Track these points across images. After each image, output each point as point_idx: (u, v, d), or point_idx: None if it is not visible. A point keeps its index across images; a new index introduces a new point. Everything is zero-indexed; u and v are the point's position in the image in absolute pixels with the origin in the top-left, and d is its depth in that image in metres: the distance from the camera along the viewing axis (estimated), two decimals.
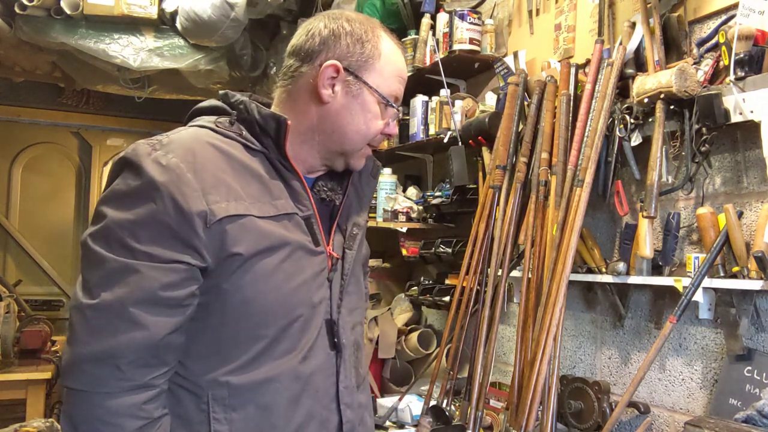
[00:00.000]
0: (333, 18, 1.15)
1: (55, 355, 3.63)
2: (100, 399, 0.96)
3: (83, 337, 0.97)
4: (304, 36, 1.15)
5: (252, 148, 1.09)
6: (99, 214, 1.01)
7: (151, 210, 0.98)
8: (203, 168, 1.02)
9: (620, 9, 1.88)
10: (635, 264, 1.71)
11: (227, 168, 1.05)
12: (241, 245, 1.01)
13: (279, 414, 1.07)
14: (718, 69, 1.56)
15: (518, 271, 2.01)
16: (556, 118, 1.89)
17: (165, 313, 0.98)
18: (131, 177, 1.00)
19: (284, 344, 1.07)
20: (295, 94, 1.15)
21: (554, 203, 1.82)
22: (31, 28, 3.17)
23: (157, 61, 3.35)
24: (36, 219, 4.79)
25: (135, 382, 0.98)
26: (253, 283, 1.04)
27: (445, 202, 2.50)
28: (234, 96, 1.14)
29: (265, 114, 1.10)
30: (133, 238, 0.97)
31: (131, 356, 0.97)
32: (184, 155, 1.02)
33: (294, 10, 3.58)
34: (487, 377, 1.92)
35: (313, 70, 1.12)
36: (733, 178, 1.60)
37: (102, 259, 0.97)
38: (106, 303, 0.96)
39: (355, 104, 1.14)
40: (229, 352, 1.04)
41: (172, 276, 0.98)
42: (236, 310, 1.04)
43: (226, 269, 1.02)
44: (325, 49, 1.12)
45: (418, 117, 2.65)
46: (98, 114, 4.92)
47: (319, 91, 1.11)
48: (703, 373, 1.64)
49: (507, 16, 2.44)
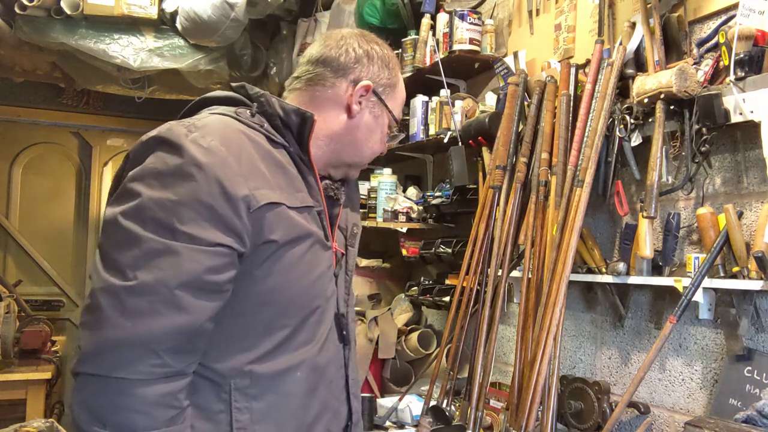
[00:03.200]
0: (365, 39, 1.22)
1: (55, 355, 3.63)
2: (131, 386, 0.91)
3: (116, 320, 0.91)
4: (336, 49, 1.19)
5: (274, 141, 1.10)
6: (130, 191, 0.96)
7: (193, 190, 0.95)
8: (240, 154, 1.02)
9: (620, 9, 1.88)
10: (635, 264, 1.71)
11: (258, 156, 1.05)
12: (276, 233, 1.02)
13: (297, 404, 1.08)
14: (718, 69, 1.56)
15: (518, 271, 2.01)
16: (556, 118, 1.89)
17: (207, 297, 0.96)
18: (169, 156, 0.97)
19: (303, 335, 1.09)
20: (321, 101, 1.18)
21: (554, 203, 1.82)
22: (31, 28, 3.17)
23: (157, 62, 3.35)
24: (36, 219, 4.79)
25: (172, 369, 0.94)
26: (282, 271, 1.04)
27: (445, 203, 2.50)
28: (252, 88, 1.15)
29: (288, 108, 1.12)
30: (174, 217, 0.94)
31: (170, 342, 0.93)
32: (222, 139, 1.01)
33: (294, 10, 3.59)
34: (487, 377, 1.92)
35: (345, 84, 1.18)
36: (733, 178, 1.60)
37: (137, 238, 0.93)
38: (146, 285, 0.91)
39: (375, 124, 1.23)
40: (252, 340, 1.04)
41: (216, 260, 0.96)
42: (263, 297, 1.04)
43: (260, 256, 1.02)
44: (359, 67, 1.19)
45: (418, 117, 2.65)
46: (98, 114, 4.91)
47: (351, 106, 1.18)
48: (703, 374, 1.64)
49: (507, 16, 2.44)
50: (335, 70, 1.18)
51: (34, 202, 4.80)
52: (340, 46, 1.19)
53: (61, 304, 4.82)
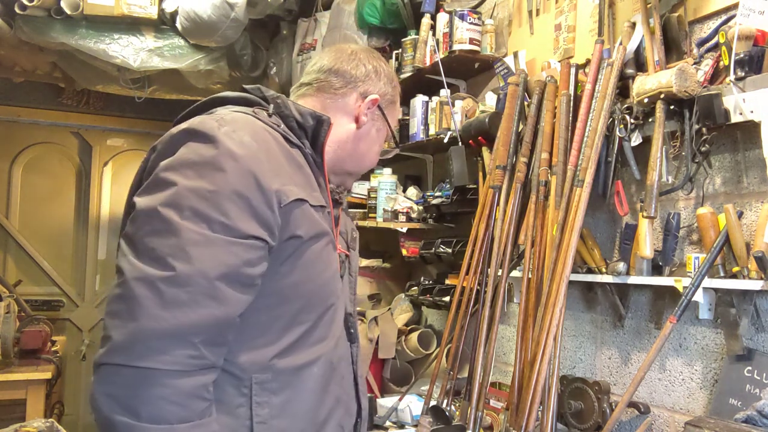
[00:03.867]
0: (373, 55, 1.30)
1: (55, 355, 3.62)
2: (169, 378, 0.89)
3: (154, 310, 0.89)
4: (348, 62, 1.25)
5: (290, 141, 1.12)
6: (164, 181, 0.96)
7: (229, 181, 0.96)
8: (268, 150, 1.04)
9: (620, 9, 1.88)
10: (635, 264, 1.71)
11: (281, 154, 1.07)
12: (301, 229, 1.04)
13: (313, 399, 1.10)
14: (718, 69, 1.56)
15: (518, 271, 2.01)
16: (556, 118, 1.88)
17: (242, 290, 0.97)
18: (203, 147, 0.98)
19: (320, 331, 1.11)
20: (331, 108, 1.24)
21: (554, 203, 1.82)
22: (31, 28, 3.17)
23: (157, 62, 3.35)
24: (36, 219, 4.79)
25: (207, 361, 0.94)
26: (304, 267, 1.06)
27: (445, 202, 2.50)
28: (268, 90, 1.18)
29: (304, 111, 1.15)
30: (211, 207, 0.94)
31: (207, 334, 0.92)
32: (252, 134, 1.03)
33: (294, 10, 3.59)
34: (487, 377, 1.93)
35: (355, 95, 1.25)
36: (733, 178, 1.60)
37: (174, 227, 0.92)
38: (187, 275, 0.90)
39: (377, 136, 1.30)
40: (274, 335, 1.05)
41: (251, 252, 0.97)
42: (286, 292, 1.05)
43: (285, 251, 1.03)
44: (368, 81, 1.26)
45: (418, 117, 2.65)
46: (98, 114, 4.91)
47: (360, 117, 1.24)
48: (703, 373, 1.64)
49: (507, 16, 2.44)
50: (347, 82, 1.24)
51: (34, 202, 4.80)
52: (352, 59, 1.25)
53: (61, 304, 4.81)
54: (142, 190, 1.00)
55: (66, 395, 4.50)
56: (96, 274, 4.94)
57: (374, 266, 2.98)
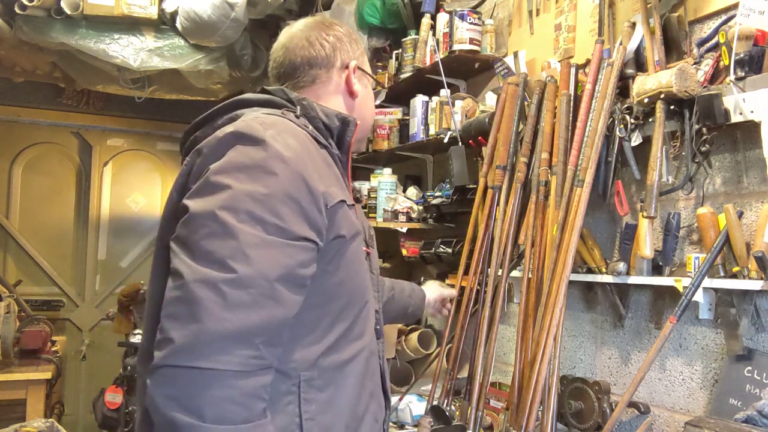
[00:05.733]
0: (324, 25, 1.29)
1: (55, 355, 3.63)
2: (232, 378, 0.90)
3: (217, 312, 0.89)
4: (309, 47, 1.25)
5: (319, 142, 1.14)
6: (217, 184, 0.97)
7: (281, 184, 0.97)
8: (310, 153, 1.06)
9: (620, 9, 1.88)
10: (635, 264, 1.71)
11: (318, 156, 1.09)
12: (344, 228, 1.07)
13: (352, 394, 1.12)
14: (718, 69, 1.56)
15: (518, 271, 2.01)
16: (556, 118, 1.88)
17: (297, 291, 0.98)
18: (253, 149, 0.99)
19: (358, 327, 1.14)
20: (327, 96, 1.26)
21: (554, 203, 1.82)
22: (31, 28, 3.17)
23: (157, 62, 3.35)
24: (36, 219, 4.79)
25: (266, 361, 0.95)
26: (346, 265, 1.09)
27: (445, 202, 2.50)
28: (292, 93, 1.20)
29: (329, 113, 1.18)
30: (265, 210, 0.95)
31: (267, 334, 0.93)
32: (294, 137, 1.05)
33: (294, 10, 3.59)
34: (487, 377, 1.92)
35: (336, 73, 1.26)
36: (733, 178, 1.60)
37: (232, 229, 0.93)
38: (248, 277, 0.91)
39: (368, 92, 1.34)
40: (321, 333, 1.07)
41: (304, 254, 0.98)
42: (332, 290, 1.08)
43: (330, 251, 1.05)
44: (338, 53, 1.26)
45: (418, 117, 2.65)
46: (98, 114, 4.91)
47: (353, 89, 1.27)
48: (703, 373, 1.64)
49: (507, 16, 2.44)
50: (323, 66, 1.25)
51: (34, 202, 4.80)
52: (312, 43, 1.25)
53: (61, 304, 4.81)
54: (193, 193, 0.99)
55: (66, 395, 4.50)
56: (96, 274, 4.94)
57: None
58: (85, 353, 4.74)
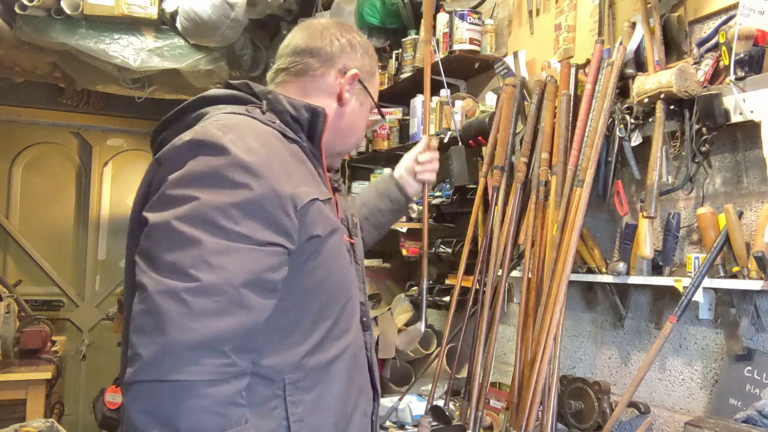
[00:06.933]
0: (345, 28, 1.24)
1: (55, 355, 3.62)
2: (205, 388, 0.88)
3: (182, 322, 0.87)
4: (320, 39, 1.20)
5: (288, 137, 1.11)
6: (176, 195, 0.95)
7: (244, 191, 0.95)
8: (277, 153, 1.03)
9: (620, 9, 1.88)
10: (635, 264, 1.71)
11: (287, 154, 1.06)
12: (318, 227, 1.04)
13: (340, 392, 1.11)
14: (718, 69, 1.56)
15: (518, 271, 2.01)
16: (556, 118, 1.88)
17: (266, 295, 0.96)
18: (213, 158, 0.96)
19: (342, 324, 1.12)
20: (312, 91, 1.19)
21: (554, 203, 1.82)
22: (31, 28, 3.17)
23: (157, 61, 3.35)
24: (36, 219, 4.79)
25: (239, 368, 0.93)
26: (325, 263, 1.07)
27: (445, 202, 2.50)
28: (257, 86, 1.16)
29: (297, 104, 1.13)
30: (226, 218, 0.93)
31: (236, 341, 0.92)
32: (258, 139, 1.01)
33: (294, 10, 3.58)
34: (487, 377, 1.92)
35: (333, 73, 1.20)
36: (733, 178, 1.60)
37: (194, 239, 0.91)
38: (212, 284, 0.89)
39: (360, 111, 1.25)
40: (302, 334, 1.05)
41: (272, 258, 0.96)
42: (311, 291, 1.05)
43: (306, 251, 1.03)
44: (344, 56, 1.20)
45: (418, 117, 2.65)
46: (98, 114, 4.91)
47: (342, 94, 1.20)
48: (703, 373, 1.63)
49: (507, 16, 2.44)
50: (323, 60, 1.19)
51: (34, 202, 4.80)
52: (324, 36, 1.20)
53: (61, 304, 4.81)
54: (152, 205, 0.98)
55: (66, 395, 4.49)
56: (96, 274, 4.94)
57: (374, 266, 2.98)
58: (85, 353, 4.74)
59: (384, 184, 1.70)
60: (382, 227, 1.69)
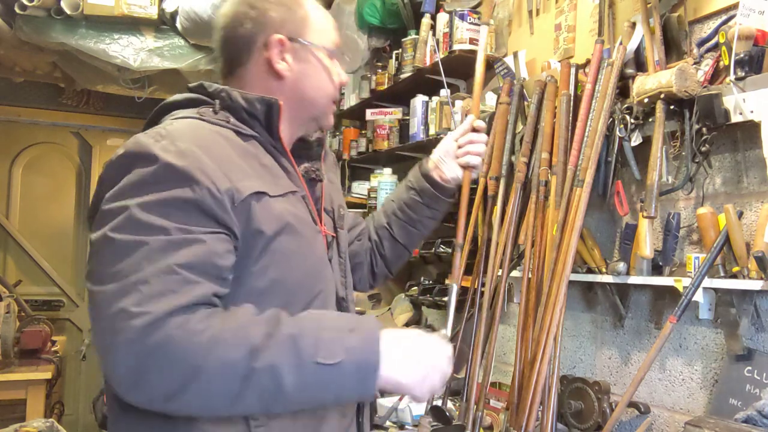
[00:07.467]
0: None
1: (55, 355, 3.63)
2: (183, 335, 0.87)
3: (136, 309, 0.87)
4: (232, 26, 1.15)
5: (243, 134, 1.08)
6: (111, 211, 0.94)
7: (175, 192, 0.93)
8: (213, 151, 1.00)
9: (620, 9, 1.88)
10: (635, 264, 1.71)
11: (232, 151, 1.04)
12: (263, 224, 1.01)
13: None
14: (718, 69, 1.56)
15: (518, 271, 2.01)
16: (556, 118, 1.88)
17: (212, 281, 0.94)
18: (144, 169, 0.95)
19: None
20: (251, 80, 1.15)
21: (554, 203, 1.82)
22: (31, 28, 3.17)
23: (157, 61, 3.35)
24: (36, 219, 4.79)
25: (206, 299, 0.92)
26: (277, 264, 1.03)
27: None
28: (211, 85, 1.12)
29: (250, 98, 1.09)
30: (163, 217, 0.92)
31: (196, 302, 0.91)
32: (192, 140, 0.99)
33: None
34: (487, 377, 1.92)
35: (258, 52, 1.13)
36: (733, 178, 1.60)
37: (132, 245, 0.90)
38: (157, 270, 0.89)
39: (309, 68, 1.16)
40: None
41: (217, 244, 0.95)
42: (262, 292, 1.01)
43: (253, 250, 1.00)
44: (261, 29, 1.13)
45: (418, 117, 2.65)
46: (98, 114, 4.91)
47: (275, 68, 1.13)
48: (703, 373, 1.63)
49: (507, 16, 2.44)
50: (244, 47, 1.14)
51: (34, 202, 4.80)
52: (233, 20, 1.15)
53: (61, 304, 4.82)
54: (93, 226, 0.98)
55: (66, 395, 4.50)
56: None
57: None
58: (85, 353, 4.74)
59: (412, 173, 1.55)
60: (416, 224, 1.53)
